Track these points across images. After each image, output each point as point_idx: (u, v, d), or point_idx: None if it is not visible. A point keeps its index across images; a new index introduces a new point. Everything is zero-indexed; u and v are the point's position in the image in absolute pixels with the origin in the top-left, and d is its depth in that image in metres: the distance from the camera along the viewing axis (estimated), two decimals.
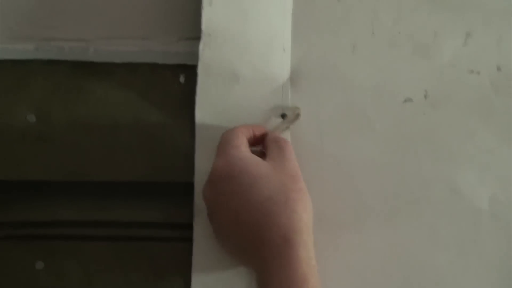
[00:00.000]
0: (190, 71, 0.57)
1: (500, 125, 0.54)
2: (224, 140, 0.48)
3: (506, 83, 0.54)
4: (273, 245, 0.41)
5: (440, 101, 0.55)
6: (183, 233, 0.54)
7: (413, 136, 0.55)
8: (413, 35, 0.55)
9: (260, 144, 0.51)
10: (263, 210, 0.42)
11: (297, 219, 0.42)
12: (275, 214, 0.42)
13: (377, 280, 0.53)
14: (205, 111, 0.55)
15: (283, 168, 0.45)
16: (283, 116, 0.55)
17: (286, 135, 0.55)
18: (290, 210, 0.42)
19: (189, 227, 0.54)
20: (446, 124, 0.55)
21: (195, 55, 0.56)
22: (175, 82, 0.57)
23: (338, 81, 0.56)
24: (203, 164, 0.55)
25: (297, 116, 0.54)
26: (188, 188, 0.54)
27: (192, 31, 0.56)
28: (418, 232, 0.54)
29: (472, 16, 0.55)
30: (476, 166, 0.54)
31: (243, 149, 0.46)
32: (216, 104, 0.55)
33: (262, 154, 0.50)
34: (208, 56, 0.55)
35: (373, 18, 0.55)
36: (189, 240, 0.54)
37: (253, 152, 0.49)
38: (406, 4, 0.55)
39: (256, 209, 0.42)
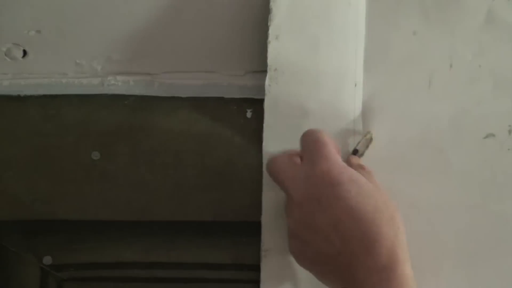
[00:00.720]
0: (257, 105, 0.58)
1: None
2: (320, 141, 0.48)
3: None
4: (380, 258, 0.42)
5: None
6: (250, 274, 0.55)
7: (495, 174, 0.55)
8: (495, 69, 0.55)
9: None
10: (370, 221, 0.43)
11: (402, 237, 0.43)
12: (382, 226, 0.43)
13: None
14: (273, 147, 0.56)
15: (379, 188, 0.47)
16: (355, 152, 0.55)
17: None
18: (396, 227, 0.43)
19: (256, 268, 0.55)
20: None
21: (262, 88, 0.57)
22: (242, 116, 0.58)
23: (412, 116, 0.56)
24: (270, 202, 0.56)
25: (370, 140, 0.54)
26: (255, 227, 0.55)
27: (259, 64, 0.58)
28: (500, 277, 0.53)
29: None
30: None
31: (339, 156, 0.48)
32: (284, 140, 0.56)
33: None
34: (275, 91, 0.56)
35: (451, 51, 0.56)
36: (256, 282, 0.55)
37: None
38: (487, 36, 0.56)
39: (363, 219, 0.43)
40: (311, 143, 0.50)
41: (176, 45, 0.60)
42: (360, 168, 0.51)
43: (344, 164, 0.48)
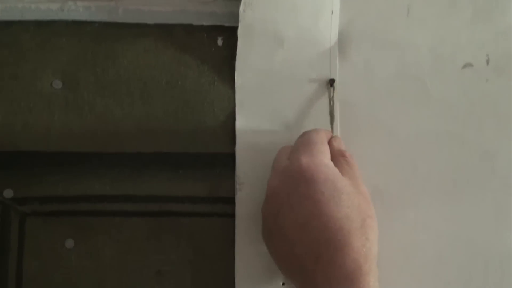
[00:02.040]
0: (229, 33, 0.59)
1: None
2: (310, 140, 0.50)
3: None
4: (343, 268, 0.43)
5: (504, 67, 0.58)
6: (225, 207, 0.58)
7: (474, 103, 0.58)
8: None
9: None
10: (338, 227, 0.44)
11: (369, 248, 0.44)
12: (350, 235, 0.43)
13: (436, 258, 0.56)
14: (246, 76, 0.59)
15: (358, 188, 0.47)
16: (331, 82, 0.58)
17: (336, 105, 0.58)
18: (365, 237, 0.44)
19: (231, 201, 0.57)
20: (510, 90, 0.58)
21: (234, 15, 0.58)
22: (212, 45, 0.60)
23: (390, 45, 0.59)
24: (244, 132, 0.58)
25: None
26: (229, 159, 0.58)
27: None
28: (480, 207, 0.57)
29: None
30: None
31: (328, 156, 0.49)
32: (257, 69, 0.59)
33: None
34: (250, 17, 0.58)
35: None
36: (230, 215, 0.57)
37: None
38: None
39: (331, 223, 0.44)
40: (303, 140, 0.52)
41: None
42: (340, 155, 0.50)
43: (327, 163, 0.48)
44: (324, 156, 0.48)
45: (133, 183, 0.57)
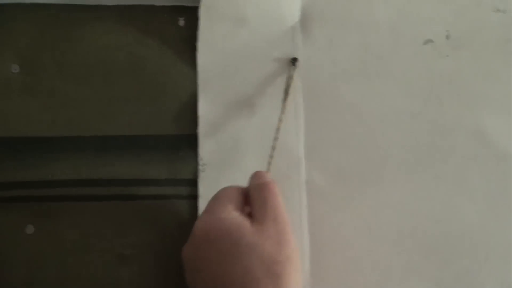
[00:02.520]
0: (190, 12, 0.60)
1: None
2: (215, 196, 0.48)
3: None
4: None
5: (464, 42, 0.59)
6: (187, 190, 0.58)
7: (434, 80, 0.59)
8: None
9: None
10: (240, 284, 0.41)
11: None
12: None
13: (399, 233, 0.57)
14: (208, 57, 0.59)
15: (268, 230, 0.44)
16: (294, 61, 0.59)
17: (298, 83, 0.58)
18: (273, 285, 0.42)
19: (194, 183, 0.58)
20: (470, 66, 0.59)
21: None
22: (174, 25, 0.60)
23: (352, 22, 0.59)
24: (207, 114, 0.59)
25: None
26: (191, 141, 0.58)
27: None
28: (442, 181, 0.58)
29: None
30: (503, 110, 0.58)
31: (230, 208, 0.45)
32: (219, 50, 0.59)
33: None
34: None
35: None
36: (193, 197, 0.58)
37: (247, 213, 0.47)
38: None
39: (233, 281, 0.42)
40: (209, 201, 0.49)
41: None
42: (256, 191, 0.48)
43: (224, 217, 0.45)
44: (222, 210, 0.45)
45: (95, 167, 0.57)
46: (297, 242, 0.50)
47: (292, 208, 0.57)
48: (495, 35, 0.58)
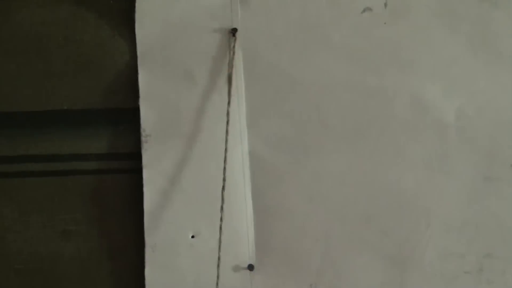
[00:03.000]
0: None
1: (464, 33, 0.60)
2: None
3: None
4: None
5: (401, 10, 0.60)
6: (130, 163, 0.58)
7: (373, 48, 0.60)
8: None
9: None
10: None
11: None
12: None
13: (340, 203, 0.59)
14: (147, 28, 0.59)
15: None
16: (233, 31, 0.59)
17: (238, 54, 0.59)
18: None
19: (135, 156, 0.58)
20: (408, 34, 0.60)
21: None
22: None
23: None
24: (147, 85, 0.59)
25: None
26: (132, 114, 0.58)
27: None
28: (382, 150, 0.59)
29: None
30: (440, 78, 0.60)
31: None
32: (158, 21, 0.59)
33: None
34: None
35: None
36: (136, 171, 0.58)
37: None
38: None
39: None
40: None
41: None
42: None
43: None
44: None
45: (34, 142, 0.57)
46: (241, 212, 0.50)
47: (236, 179, 0.57)
48: (431, 1, 0.59)
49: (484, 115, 0.60)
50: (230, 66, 0.57)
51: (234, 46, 0.58)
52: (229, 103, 0.57)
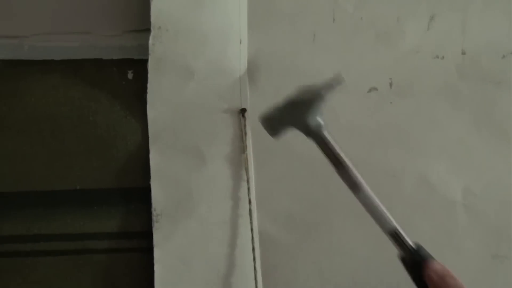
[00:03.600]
0: (139, 66, 0.62)
1: (468, 111, 0.62)
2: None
3: (471, 67, 0.62)
4: None
5: (406, 89, 0.62)
6: (141, 242, 0.60)
7: (380, 127, 0.62)
8: (375, 21, 0.62)
9: None
10: None
11: None
12: None
13: (351, 279, 0.60)
14: (158, 109, 0.61)
15: None
16: (243, 111, 0.61)
17: (248, 133, 0.61)
18: None
19: (147, 235, 0.59)
20: (413, 112, 0.62)
21: (143, 48, 0.61)
22: (123, 78, 0.62)
23: (298, 71, 0.62)
24: (158, 165, 0.61)
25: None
26: (143, 193, 0.60)
27: (138, 22, 0.61)
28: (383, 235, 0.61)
29: None
30: (446, 156, 0.62)
31: None
32: (169, 102, 0.61)
33: None
34: (159, 50, 0.60)
35: (334, 4, 0.62)
36: (147, 250, 0.59)
37: None
38: None
39: None
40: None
41: (46, 4, 0.61)
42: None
43: None
44: None
45: (46, 221, 0.59)
46: None
47: (246, 259, 0.59)
48: (435, 81, 0.62)
49: (490, 193, 0.61)
50: (244, 147, 0.59)
51: (245, 127, 0.59)
52: (249, 188, 0.60)
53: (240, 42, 0.61)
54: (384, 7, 0.62)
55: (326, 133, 0.55)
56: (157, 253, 0.59)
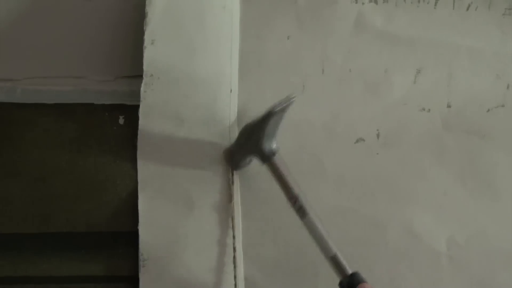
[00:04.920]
0: (130, 111, 0.64)
1: (452, 163, 0.65)
2: None
3: (457, 120, 0.65)
4: None
5: (392, 140, 0.65)
6: (127, 286, 0.62)
7: (366, 177, 0.65)
8: (364, 73, 0.65)
9: None
10: None
11: None
12: None
13: None
14: (148, 155, 0.63)
15: None
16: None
17: (236, 184, 0.63)
18: None
19: (133, 280, 0.62)
20: (399, 164, 0.65)
21: (134, 94, 0.64)
22: (114, 123, 0.65)
23: (287, 122, 0.64)
24: (147, 210, 0.63)
25: None
26: (131, 237, 0.62)
27: (131, 69, 0.64)
28: (376, 277, 0.63)
29: (423, 52, 0.66)
30: (431, 207, 0.64)
31: None
32: (159, 148, 0.64)
33: None
34: (151, 97, 0.63)
35: (323, 56, 0.65)
36: None
37: None
38: (356, 41, 0.65)
39: None
40: None
41: (40, 48, 0.65)
42: None
43: None
44: None
45: (34, 264, 0.61)
46: None
47: None
48: (422, 133, 0.64)
49: (474, 244, 0.64)
50: (231, 195, 0.61)
51: (233, 176, 0.62)
52: (234, 236, 0.62)
53: (231, 91, 0.64)
54: (372, 59, 0.65)
55: (278, 158, 0.58)
56: None
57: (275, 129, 0.57)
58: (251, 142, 0.58)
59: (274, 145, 0.58)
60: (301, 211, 0.57)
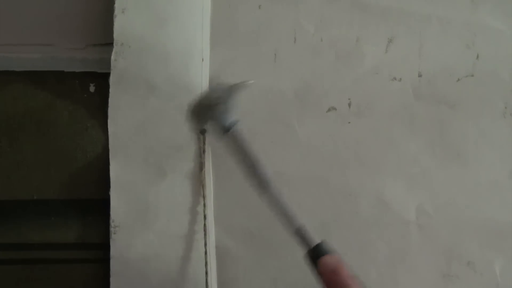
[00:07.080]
0: (101, 79, 0.67)
1: (423, 132, 0.68)
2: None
3: (427, 89, 0.68)
4: None
5: (364, 110, 0.68)
6: (97, 253, 0.65)
7: (338, 146, 0.68)
8: (336, 42, 0.68)
9: None
10: None
11: None
12: None
13: None
14: (119, 123, 0.66)
15: None
16: (203, 131, 0.67)
17: (208, 152, 0.66)
18: None
19: (104, 247, 0.65)
20: (370, 133, 0.68)
21: (105, 62, 0.66)
22: (85, 91, 0.67)
23: (259, 91, 0.68)
24: (118, 177, 0.66)
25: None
26: (102, 205, 0.65)
27: (101, 37, 0.67)
28: (346, 246, 0.66)
29: (394, 21, 0.69)
30: (402, 176, 0.68)
31: None
32: (130, 116, 0.66)
33: None
34: (121, 66, 0.66)
35: (295, 25, 0.68)
36: (104, 261, 0.65)
37: None
38: (328, 10, 0.68)
39: None
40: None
41: (8, 15, 0.67)
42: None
43: None
44: None
45: (3, 230, 0.64)
46: None
47: (201, 273, 0.65)
48: (393, 102, 0.67)
49: (443, 213, 0.67)
50: (202, 164, 0.64)
51: (204, 145, 0.64)
52: (205, 204, 0.64)
53: (202, 60, 0.67)
54: (344, 29, 0.68)
55: (238, 131, 0.61)
56: (113, 265, 0.64)
57: (234, 104, 0.60)
58: (213, 114, 0.61)
59: (233, 118, 0.61)
60: (262, 185, 0.59)
